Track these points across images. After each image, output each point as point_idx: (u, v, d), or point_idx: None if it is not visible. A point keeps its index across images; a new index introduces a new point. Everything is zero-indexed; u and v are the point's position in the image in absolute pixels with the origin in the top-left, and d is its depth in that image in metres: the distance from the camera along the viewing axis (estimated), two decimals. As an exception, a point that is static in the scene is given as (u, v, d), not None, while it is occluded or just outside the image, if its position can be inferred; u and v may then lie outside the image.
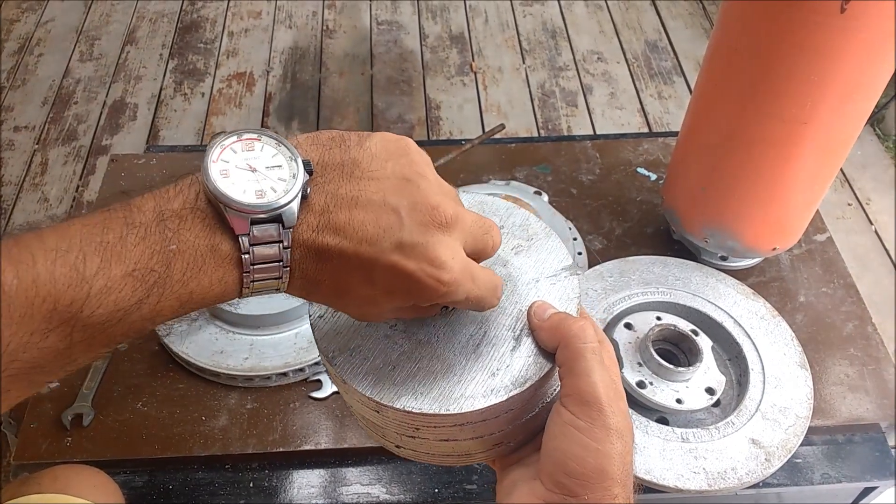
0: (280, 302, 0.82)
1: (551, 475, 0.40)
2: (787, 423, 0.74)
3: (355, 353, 0.44)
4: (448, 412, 0.41)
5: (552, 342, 0.42)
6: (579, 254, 0.93)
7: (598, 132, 2.11)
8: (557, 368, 0.43)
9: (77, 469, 0.70)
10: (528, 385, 0.42)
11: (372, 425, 0.46)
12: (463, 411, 0.41)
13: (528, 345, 0.44)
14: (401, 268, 0.36)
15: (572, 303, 0.46)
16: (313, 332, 0.45)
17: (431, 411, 0.41)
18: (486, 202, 0.52)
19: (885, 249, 1.85)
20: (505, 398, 0.41)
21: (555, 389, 0.46)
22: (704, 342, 0.77)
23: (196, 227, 0.35)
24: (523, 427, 0.45)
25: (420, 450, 0.46)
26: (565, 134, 2.10)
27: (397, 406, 0.41)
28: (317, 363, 0.81)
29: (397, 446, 0.47)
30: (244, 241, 0.34)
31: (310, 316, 0.45)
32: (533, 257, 0.49)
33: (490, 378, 0.42)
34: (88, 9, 2.56)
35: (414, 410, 0.41)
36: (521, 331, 0.45)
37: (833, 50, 0.66)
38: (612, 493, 0.38)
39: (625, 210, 1.00)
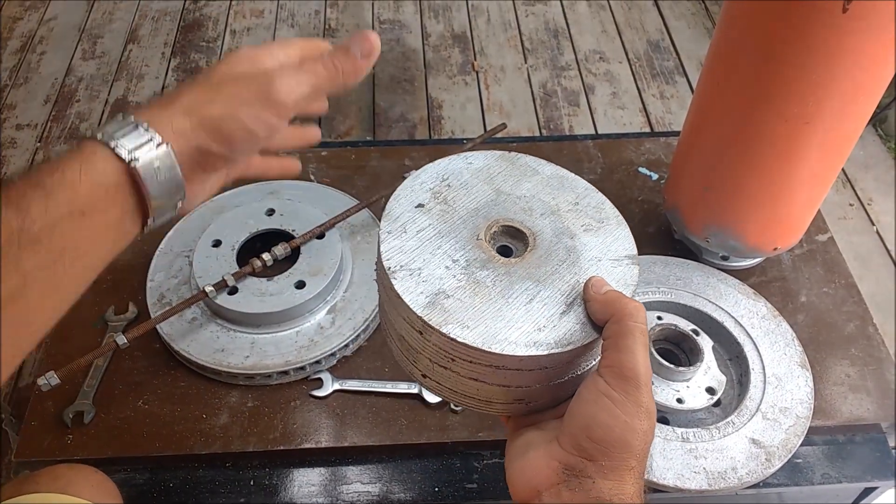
0: (281, 300, 0.82)
1: (574, 437, 0.42)
2: (788, 423, 0.74)
3: (415, 274, 0.46)
4: (490, 350, 0.43)
5: (603, 316, 0.44)
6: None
7: (599, 132, 2.10)
8: (600, 342, 0.44)
9: (76, 468, 0.70)
10: (569, 348, 0.44)
11: (407, 349, 0.48)
12: (504, 353, 0.43)
13: (577, 313, 0.46)
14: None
15: (628, 288, 0.47)
16: (379, 246, 0.47)
17: (474, 344, 0.43)
18: (567, 177, 0.55)
19: (887, 250, 1.85)
20: (545, 353, 0.43)
21: (589, 365, 0.48)
22: (705, 342, 0.77)
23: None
24: (549, 391, 0.47)
25: (445, 383, 0.47)
26: (567, 133, 2.10)
27: (443, 330, 0.43)
28: (317, 362, 0.81)
29: (424, 375, 0.48)
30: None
31: (379, 231, 0.48)
32: (600, 238, 0.51)
33: (536, 332, 0.44)
34: (91, 7, 2.56)
35: (458, 339, 0.43)
36: (575, 300, 0.46)
37: (835, 50, 0.66)
38: (630, 464, 0.40)
39: (626, 210, 0.99)
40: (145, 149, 0.41)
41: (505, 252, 0.50)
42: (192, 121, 0.43)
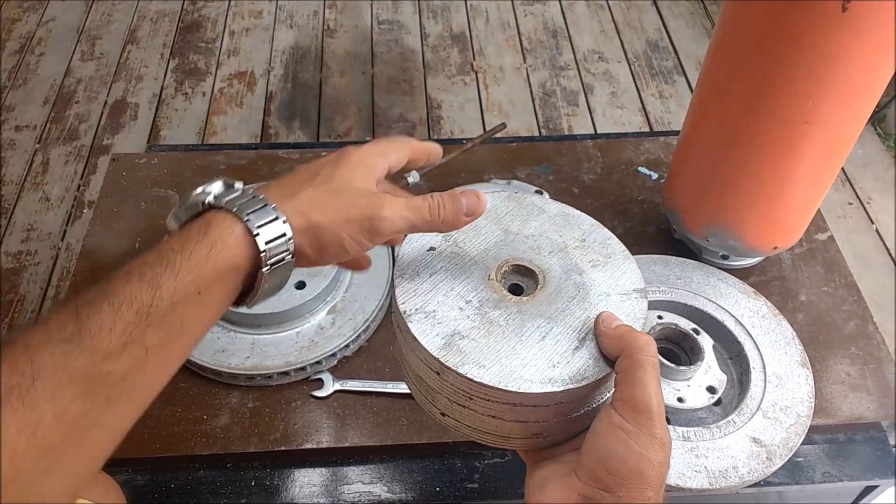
0: (281, 301, 0.82)
1: (591, 470, 0.43)
2: (789, 422, 0.74)
3: (430, 316, 0.47)
4: (506, 388, 0.44)
5: (615, 350, 0.45)
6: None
7: (599, 131, 2.11)
8: (614, 375, 0.45)
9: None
10: (584, 383, 0.45)
11: (425, 388, 0.49)
12: (520, 391, 0.44)
13: (590, 348, 0.47)
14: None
15: (637, 322, 0.49)
16: (395, 290, 0.48)
17: (491, 383, 0.44)
18: (573, 215, 0.56)
19: (886, 248, 1.85)
20: (561, 389, 0.44)
21: (603, 398, 0.49)
22: (706, 341, 0.77)
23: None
24: (566, 424, 0.48)
25: (465, 421, 0.48)
26: (566, 133, 2.11)
27: (461, 371, 0.44)
28: (318, 362, 0.81)
29: (443, 413, 0.49)
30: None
31: (392, 275, 0.50)
32: (608, 273, 0.52)
33: (550, 368, 0.45)
34: (89, 8, 2.56)
35: (475, 379, 0.44)
36: (586, 335, 0.47)
37: (834, 49, 0.66)
38: (646, 494, 0.41)
39: (626, 209, 1.00)
40: (276, 235, 0.43)
41: (516, 291, 0.51)
42: (302, 221, 0.44)
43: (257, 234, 0.42)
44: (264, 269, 0.43)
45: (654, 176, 1.05)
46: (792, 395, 0.76)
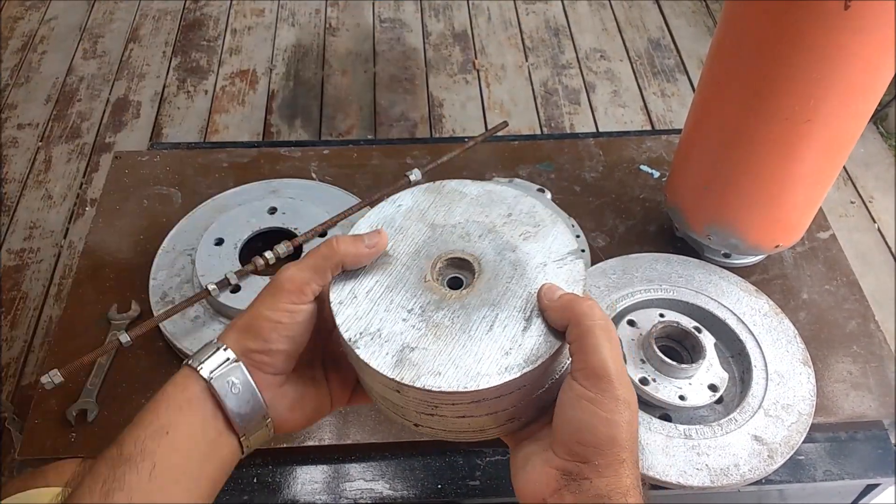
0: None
1: (565, 444, 0.44)
2: (790, 420, 0.74)
3: (376, 337, 0.46)
4: (466, 389, 0.44)
5: (562, 321, 0.45)
6: (582, 251, 0.93)
7: (600, 130, 2.11)
8: (567, 346, 0.45)
9: (84, 463, 0.70)
10: (539, 362, 0.45)
11: (392, 406, 0.49)
12: (479, 388, 0.44)
13: (538, 325, 0.46)
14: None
15: (578, 284, 0.48)
16: (335, 318, 0.47)
17: (450, 389, 0.44)
18: (494, 191, 0.55)
19: (888, 247, 1.85)
20: (518, 375, 0.44)
21: (564, 366, 0.49)
22: (707, 339, 0.77)
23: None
24: (535, 403, 0.48)
25: (438, 427, 0.48)
26: (568, 132, 2.11)
27: (418, 385, 0.44)
28: (320, 360, 0.81)
29: (416, 425, 0.49)
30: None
31: (330, 303, 0.48)
32: (540, 243, 0.51)
33: (504, 357, 0.45)
34: (92, 6, 2.56)
35: (433, 389, 0.44)
36: (532, 312, 0.47)
37: (836, 48, 0.66)
38: (621, 457, 0.43)
39: (628, 207, 1.00)
40: (219, 363, 0.47)
41: (456, 284, 0.50)
42: (237, 330, 0.49)
43: (200, 367, 0.47)
44: (220, 394, 0.46)
45: (656, 174, 1.05)
46: (793, 394, 0.76)
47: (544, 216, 0.53)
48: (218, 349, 0.48)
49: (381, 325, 0.47)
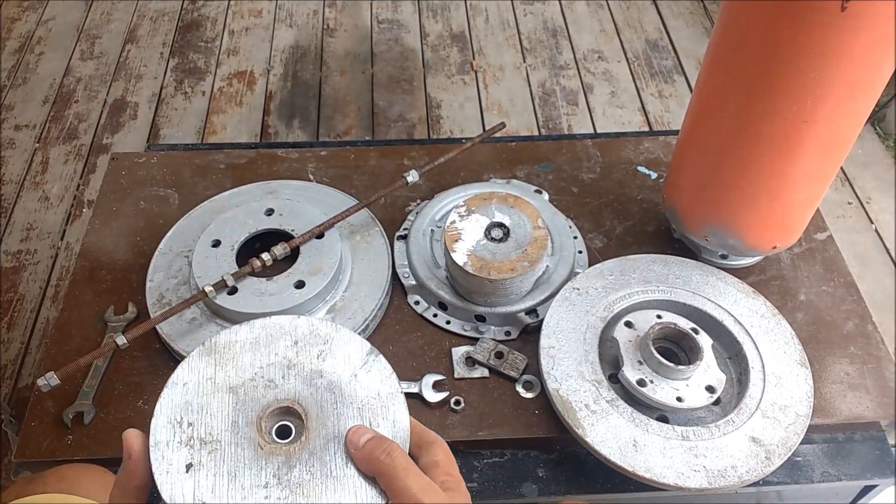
0: (281, 300, 0.82)
1: None
2: (788, 422, 0.74)
3: None
4: None
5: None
6: (580, 252, 0.93)
7: (598, 131, 2.11)
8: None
9: (83, 469, 0.70)
10: None
11: None
12: None
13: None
14: None
15: (391, 379, 0.49)
16: None
17: None
18: (266, 325, 0.53)
19: (886, 248, 1.85)
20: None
21: None
22: (705, 340, 0.77)
23: None
24: None
25: None
26: (566, 132, 2.11)
27: None
28: (317, 361, 0.81)
29: None
30: None
31: None
32: (339, 356, 0.51)
33: (374, 483, 0.46)
34: (89, 7, 2.56)
35: None
36: (370, 425, 0.48)
37: (834, 48, 0.66)
38: None
39: (625, 208, 1.00)
40: None
41: (286, 432, 0.48)
42: None
43: None
44: None
45: (654, 175, 1.05)
46: (791, 395, 0.76)
47: (327, 329, 0.52)
48: None
49: None
